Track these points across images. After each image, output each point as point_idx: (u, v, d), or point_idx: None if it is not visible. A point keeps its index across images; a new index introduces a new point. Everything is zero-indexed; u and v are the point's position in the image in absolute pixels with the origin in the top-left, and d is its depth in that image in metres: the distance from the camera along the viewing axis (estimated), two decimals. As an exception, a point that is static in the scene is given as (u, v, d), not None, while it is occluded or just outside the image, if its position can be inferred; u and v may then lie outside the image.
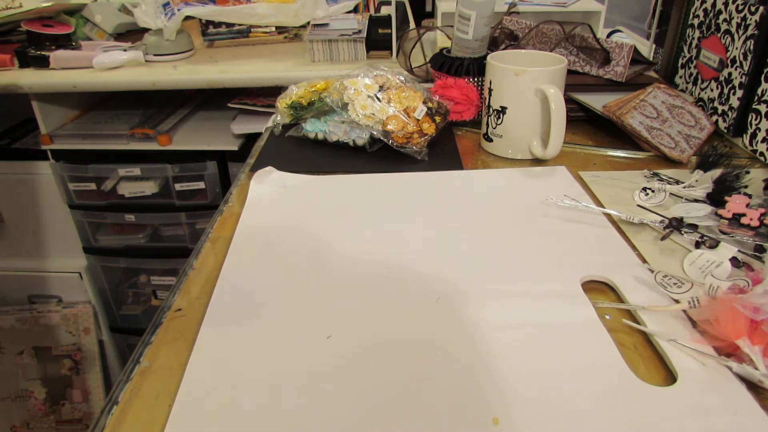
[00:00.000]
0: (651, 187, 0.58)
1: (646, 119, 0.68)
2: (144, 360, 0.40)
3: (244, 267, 0.49)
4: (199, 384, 0.37)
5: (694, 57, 0.78)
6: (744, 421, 0.34)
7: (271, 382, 0.37)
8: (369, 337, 0.41)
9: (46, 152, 1.33)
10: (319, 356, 0.39)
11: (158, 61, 1.23)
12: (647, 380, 0.37)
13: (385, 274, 0.48)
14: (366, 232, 0.54)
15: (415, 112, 0.68)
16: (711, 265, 0.46)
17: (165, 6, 1.19)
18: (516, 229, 0.54)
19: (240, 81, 1.17)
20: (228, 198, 0.62)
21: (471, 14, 0.72)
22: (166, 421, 0.35)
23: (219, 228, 0.56)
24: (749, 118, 0.66)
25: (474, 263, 0.49)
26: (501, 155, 0.69)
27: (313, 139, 0.73)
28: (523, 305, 0.43)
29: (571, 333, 0.40)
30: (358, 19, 1.26)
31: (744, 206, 0.52)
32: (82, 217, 1.38)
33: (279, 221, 0.56)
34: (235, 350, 0.40)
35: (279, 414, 0.35)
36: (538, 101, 0.63)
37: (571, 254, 0.49)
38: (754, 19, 0.64)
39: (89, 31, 1.36)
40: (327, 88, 0.73)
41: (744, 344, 0.36)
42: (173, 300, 0.46)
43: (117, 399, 0.37)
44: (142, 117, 1.38)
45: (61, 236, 1.42)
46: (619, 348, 0.39)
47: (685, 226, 0.51)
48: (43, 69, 1.20)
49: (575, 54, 0.81)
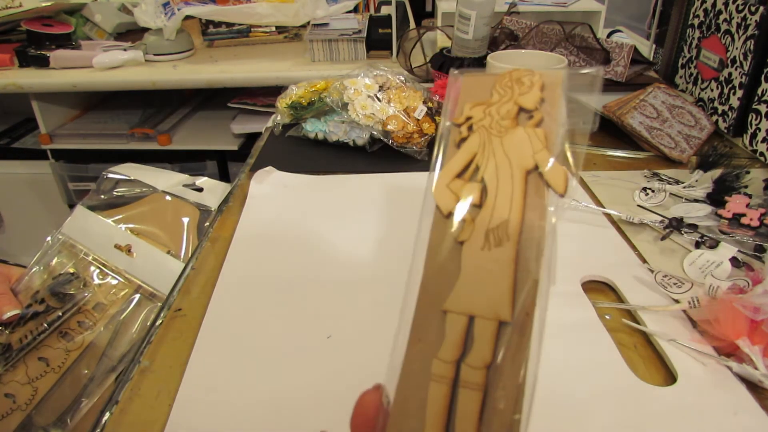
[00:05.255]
0: (651, 187, 0.58)
1: (646, 119, 0.68)
2: (144, 360, 0.40)
3: (244, 267, 0.49)
4: (199, 384, 0.37)
5: (694, 57, 0.78)
6: (744, 421, 0.34)
7: (271, 382, 0.37)
8: (369, 337, 0.41)
9: (46, 152, 1.33)
10: (318, 356, 0.39)
11: (158, 61, 1.23)
12: (647, 380, 0.37)
13: (385, 274, 0.48)
14: (366, 232, 0.54)
15: (415, 112, 0.68)
16: (711, 265, 0.46)
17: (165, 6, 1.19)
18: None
19: (240, 81, 1.17)
20: (228, 198, 0.62)
21: (471, 14, 0.72)
22: (166, 421, 0.35)
23: (219, 228, 0.56)
24: (749, 118, 0.66)
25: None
26: (501, 155, 0.69)
27: (313, 139, 0.73)
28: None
29: (571, 333, 0.40)
30: (358, 18, 1.26)
31: (744, 206, 0.52)
32: (82, 216, 1.38)
33: (279, 221, 0.56)
34: (235, 350, 0.40)
35: (279, 413, 0.35)
36: (538, 101, 0.63)
37: (571, 254, 0.49)
38: (754, 19, 0.64)
39: (89, 30, 1.36)
40: (327, 88, 0.73)
41: (744, 344, 0.36)
42: (173, 300, 0.46)
43: (117, 399, 0.37)
44: (142, 117, 1.38)
45: (61, 236, 1.42)
46: (619, 348, 0.39)
47: (685, 226, 0.51)
48: (43, 69, 1.20)
49: (575, 54, 0.81)
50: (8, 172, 1.38)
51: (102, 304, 0.48)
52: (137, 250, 0.52)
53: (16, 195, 1.40)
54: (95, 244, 0.52)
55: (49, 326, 0.46)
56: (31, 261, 0.51)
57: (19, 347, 0.45)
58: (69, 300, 0.48)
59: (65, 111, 1.38)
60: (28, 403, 0.42)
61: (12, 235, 1.46)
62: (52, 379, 0.44)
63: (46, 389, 0.43)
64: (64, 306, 0.47)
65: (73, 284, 0.49)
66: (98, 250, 0.51)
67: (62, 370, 0.44)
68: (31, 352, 0.45)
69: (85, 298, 0.48)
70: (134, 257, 0.51)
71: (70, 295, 0.48)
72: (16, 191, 1.40)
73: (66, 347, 0.45)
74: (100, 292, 0.49)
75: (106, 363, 0.46)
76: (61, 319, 0.47)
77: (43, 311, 0.47)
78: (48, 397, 0.43)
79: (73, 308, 0.47)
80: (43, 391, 0.43)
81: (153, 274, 0.51)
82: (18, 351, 0.44)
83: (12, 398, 0.43)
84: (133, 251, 0.52)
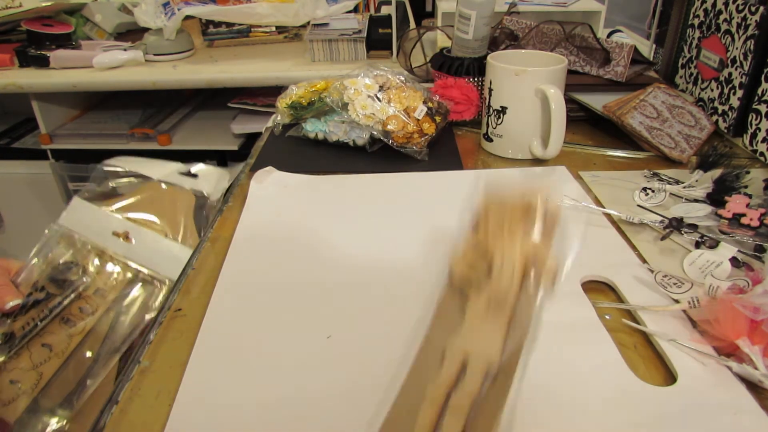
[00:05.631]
0: (651, 187, 0.58)
1: (646, 119, 0.68)
2: (144, 360, 0.40)
3: (244, 267, 0.49)
4: (199, 384, 0.37)
5: (695, 57, 0.78)
6: (744, 421, 0.34)
7: (271, 382, 0.37)
8: (369, 338, 0.41)
9: (46, 152, 1.33)
10: (319, 356, 0.39)
11: (158, 61, 1.23)
12: (647, 380, 0.37)
13: (385, 274, 0.48)
14: (366, 232, 0.54)
15: (415, 112, 0.68)
16: (711, 265, 0.46)
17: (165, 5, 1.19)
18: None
19: (240, 81, 1.17)
20: (228, 198, 0.62)
21: (471, 14, 0.72)
22: (166, 421, 0.35)
23: (219, 228, 0.56)
24: (749, 118, 0.66)
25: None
26: (501, 155, 0.69)
27: (313, 139, 0.73)
28: (523, 305, 0.43)
29: (570, 333, 0.40)
30: (358, 18, 1.26)
31: (744, 206, 0.52)
32: (82, 216, 1.38)
33: (279, 221, 0.56)
34: (235, 350, 0.40)
35: (279, 413, 0.35)
36: (538, 101, 0.63)
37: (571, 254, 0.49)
38: (754, 19, 0.64)
39: (89, 30, 1.36)
40: (327, 88, 0.73)
41: (744, 344, 0.36)
42: (173, 300, 0.46)
43: (117, 399, 0.37)
44: (142, 117, 1.38)
45: (61, 236, 1.42)
46: (619, 348, 0.39)
47: (685, 226, 0.51)
48: (43, 69, 1.20)
49: (575, 54, 0.81)
50: (8, 172, 1.38)
51: (102, 289, 0.49)
52: (135, 235, 0.52)
53: (16, 195, 1.40)
54: (93, 232, 0.52)
55: (50, 312, 0.46)
56: (30, 254, 0.51)
57: (21, 334, 0.45)
58: (69, 286, 0.48)
59: (65, 111, 1.38)
60: (33, 387, 0.43)
61: (12, 235, 1.46)
62: (56, 363, 0.44)
63: (51, 373, 0.44)
64: (64, 292, 0.48)
65: (72, 272, 0.49)
66: (96, 238, 0.51)
67: (66, 354, 0.45)
68: (34, 338, 0.45)
69: (85, 284, 0.49)
70: (132, 243, 0.52)
71: (69, 281, 0.48)
72: (16, 191, 1.40)
73: (68, 332, 0.46)
74: (99, 278, 0.49)
75: (109, 345, 0.46)
76: (61, 305, 0.47)
77: (44, 298, 0.47)
78: (53, 381, 0.44)
79: (73, 294, 0.48)
80: (48, 376, 0.43)
81: (152, 258, 0.52)
82: (21, 338, 0.45)
83: (17, 384, 0.43)
84: (131, 237, 0.52)
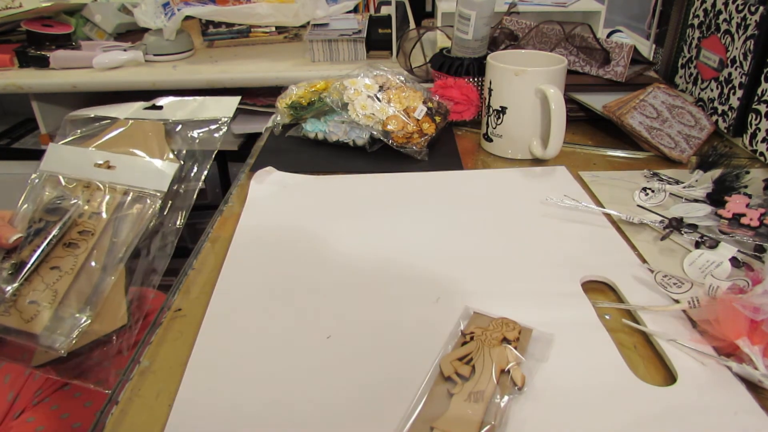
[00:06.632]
0: (651, 187, 0.58)
1: (646, 119, 0.68)
2: (144, 360, 0.40)
3: (244, 267, 0.49)
4: (199, 384, 0.37)
5: (694, 57, 0.78)
6: (744, 421, 0.34)
7: (271, 382, 0.37)
8: (369, 337, 0.41)
9: (46, 152, 1.33)
10: (319, 356, 0.39)
11: (158, 61, 1.23)
12: (647, 380, 0.37)
13: (385, 274, 0.48)
14: (366, 232, 0.54)
15: (415, 112, 0.68)
16: (711, 265, 0.46)
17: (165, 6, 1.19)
18: (516, 229, 0.54)
19: (240, 81, 1.17)
20: (228, 198, 0.62)
21: (471, 14, 0.72)
22: (166, 421, 0.35)
23: (219, 228, 0.56)
24: (749, 118, 0.66)
25: (474, 263, 0.49)
26: (501, 155, 0.69)
27: (313, 139, 0.73)
28: (523, 305, 0.43)
29: (571, 333, 0.40)
30: (358, 19, 1.26)
31: (744, 206, 0.52)
32: (82, 217, 1.38)
33: (279, 221, 0.56)
34: (235, 350, 0.40)
35: (279, 414, 0.35)
36: (538, 101, 0.63)
37: (571, 254, 0.49)
38: (754, 19, 0.64)
39: (89, 31, 1.36)
40: (327, 88, 0.73)
41: (744, 344, 0.36)
42: (173, 300, 0.46)
43: (117, 399, 0.37)
44: (142, 117, 1.37)
45: (61, 236, 1.42)
46: (619, 348, 0.39)
47: (685, 226, 0.51)
48: (43, 69, 1.20)
49: (575, 54, 0.81)
50: (8, 172, 1.38)
51: (97, 213, 0.52)
52: (117, 162, 0.55)
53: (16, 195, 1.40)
54: (76, 169, 0.55)
55: (53, 237, 0.49)
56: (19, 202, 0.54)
57: (30, 261, 0.48)
58: (64, 212, 0.51)
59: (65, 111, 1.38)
60: (51, 302, 0.46)
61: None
62: (68, 280, 0.47)
63: (65, 288, 0.47)
64: (62, 218, 0.50)
65: (64, 202, 0.52)
66: (80, 173, 0.55)
67: (75, 271, 0.48)
68: (42, 264, 0.48)
69: (79, 207, 0.52)
70: (116, 169, 0.54)
71: (64, 209, 0.52)
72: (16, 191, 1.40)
73: (74, 254, 0.49)
74: (92, 206, 0.52)
75: (114, 254, 0.49)
76: (64, 226, 0.50)
77: (44, 227, 0.50)
78: (69, 293, 0.47)
79: (70, 219, 0.51)
80: (62, 291, 0.47)
81: (138, 177, 0.54)
82: (30, 264, 0.48)
83: (35, 303, 0.46)
84: (114, 164, 0.55)
